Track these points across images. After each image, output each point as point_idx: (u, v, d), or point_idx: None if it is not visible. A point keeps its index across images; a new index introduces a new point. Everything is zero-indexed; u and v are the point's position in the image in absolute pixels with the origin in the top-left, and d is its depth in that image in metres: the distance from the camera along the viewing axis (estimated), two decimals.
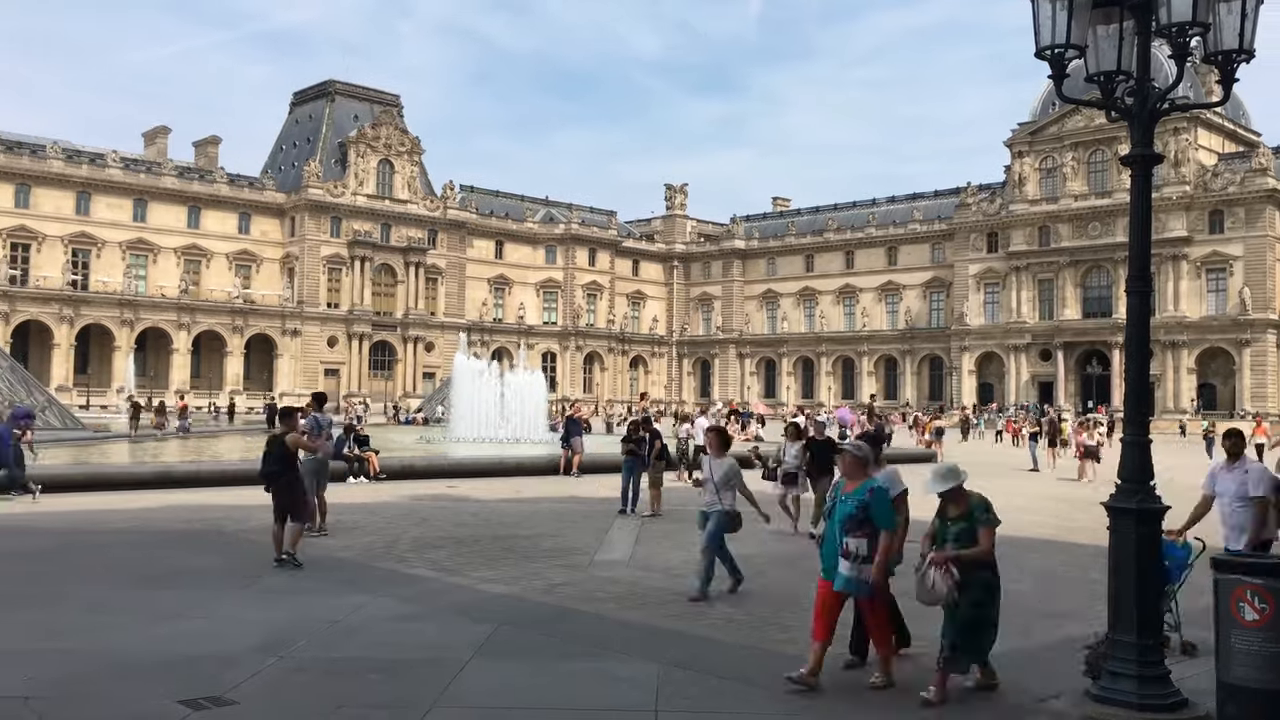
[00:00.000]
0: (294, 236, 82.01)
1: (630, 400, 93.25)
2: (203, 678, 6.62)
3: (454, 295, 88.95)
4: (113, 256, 74.45)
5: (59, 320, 70.05)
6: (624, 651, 7.65)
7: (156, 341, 75.09)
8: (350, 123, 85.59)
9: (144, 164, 79.72)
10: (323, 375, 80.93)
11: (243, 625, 8.19)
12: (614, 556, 12.12)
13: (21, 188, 71.45)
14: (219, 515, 15.09)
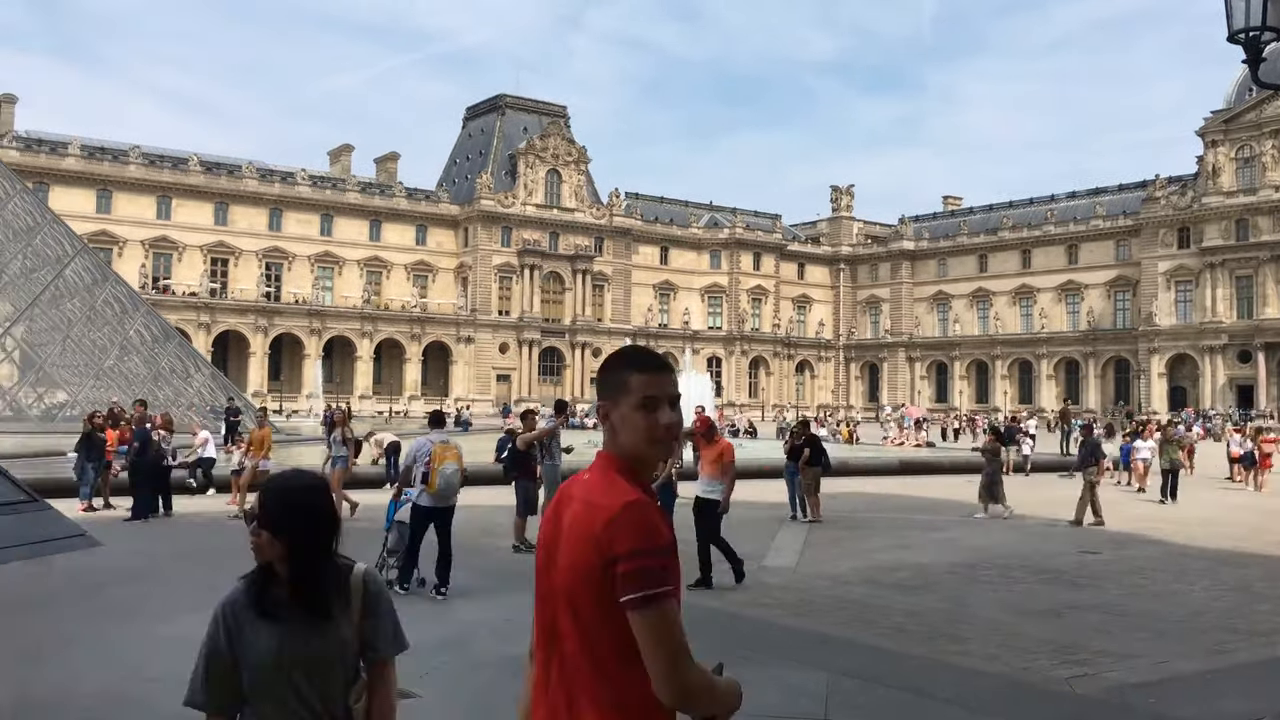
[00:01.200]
0: (467, 247, 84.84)
1: (798, 404, 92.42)
2: None
3: (620, 301, 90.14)
4: (302, 269, 78.76)
5: (254, 330, 74.57)
6: (792, 658, 7.57)
7: (342, 349, 78.99)
8: (520, 135, 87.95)
9: (330, 181, 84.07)
10: (495, 381, 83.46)
11: (424, 622, 8.49)
12: (782, 562, 12.01)
13: (220, 206, 76.46)
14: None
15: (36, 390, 34.70)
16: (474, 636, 7.91)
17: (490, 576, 10.68)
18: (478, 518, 15.54)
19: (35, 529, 11.31)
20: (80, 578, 10.25)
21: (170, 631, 7.98)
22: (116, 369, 33.02)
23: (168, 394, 33.56)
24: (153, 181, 73.90)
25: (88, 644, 7.63)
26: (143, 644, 7.59)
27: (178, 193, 74.78)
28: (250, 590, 2.64)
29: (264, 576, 2.66)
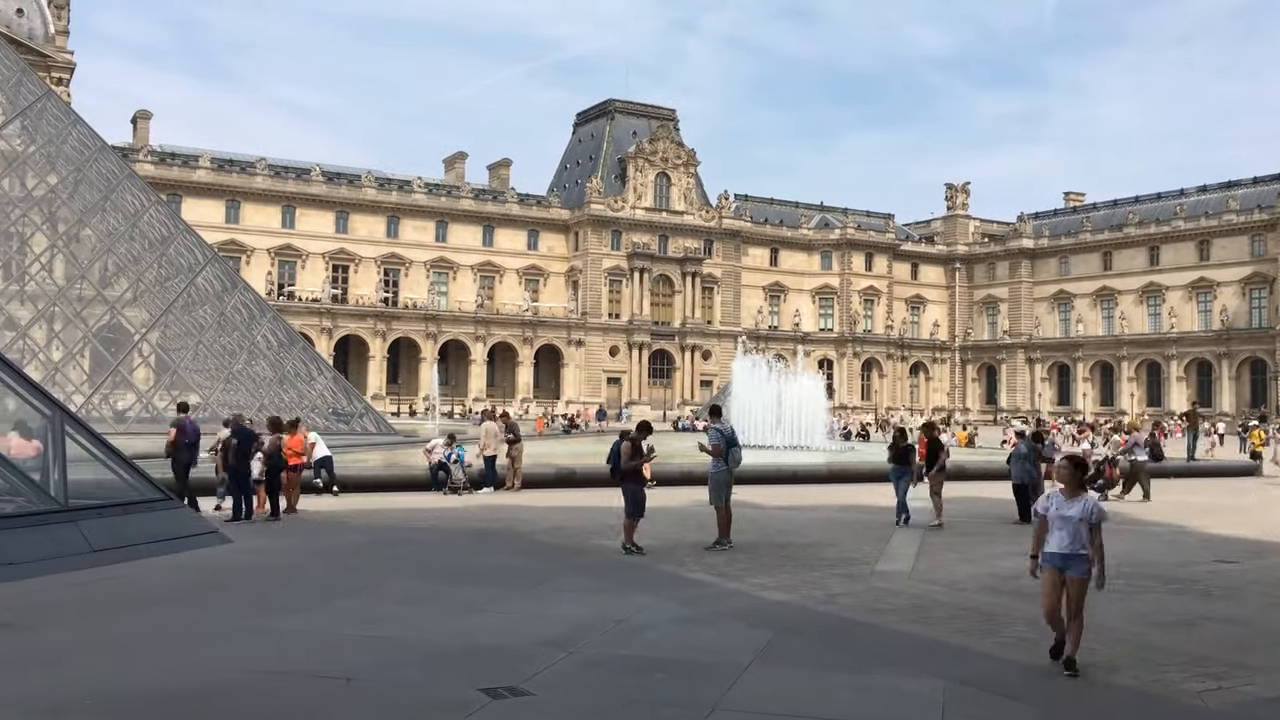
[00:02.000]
0: (577, 251, 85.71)
1: (912, 407, 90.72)
2: (500, 668, 7.01)
3: (729, 303, 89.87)
4: (418, 274, 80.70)
5: (373, 334, 76.72)
6: (906, 665, 7.43)
7: (456, 353, 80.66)
8: (629, 139, 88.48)
9: (444, 188, 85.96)
10: (605, 383, 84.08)
11: (535, 620, 8.62)
12: (896, 567, 11.80)
13: (341, 214, 78.92)
14: (512, 517, 15.95)
15: (171, 393, 36.26)
16: (584, 636, 7.98)
17: (600, 576, 10.76)
18: (588, 518, 15.69)
19: (171, 526, 11.87)
20: (212, 573, 10.69)
21: (294, 625, 8.26)
22: (244, 372, 34.30)
23: (292, 397, 34.74)
24: (278, 192, 76.72)
25: (219, 636, 7.95)
26: (269, 637, 7.87)
27: (301, 202, 77.45)
28: None
29: None
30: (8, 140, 32.20)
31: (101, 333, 34.10)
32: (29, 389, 11.68)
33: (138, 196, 33.71)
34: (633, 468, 12.81)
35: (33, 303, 35.15)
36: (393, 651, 7.47)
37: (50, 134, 32.55)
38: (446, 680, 6.78)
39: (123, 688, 6.45)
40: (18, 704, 6.01)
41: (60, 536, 10.52)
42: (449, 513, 16.63)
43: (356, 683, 6.59)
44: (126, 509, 11.54)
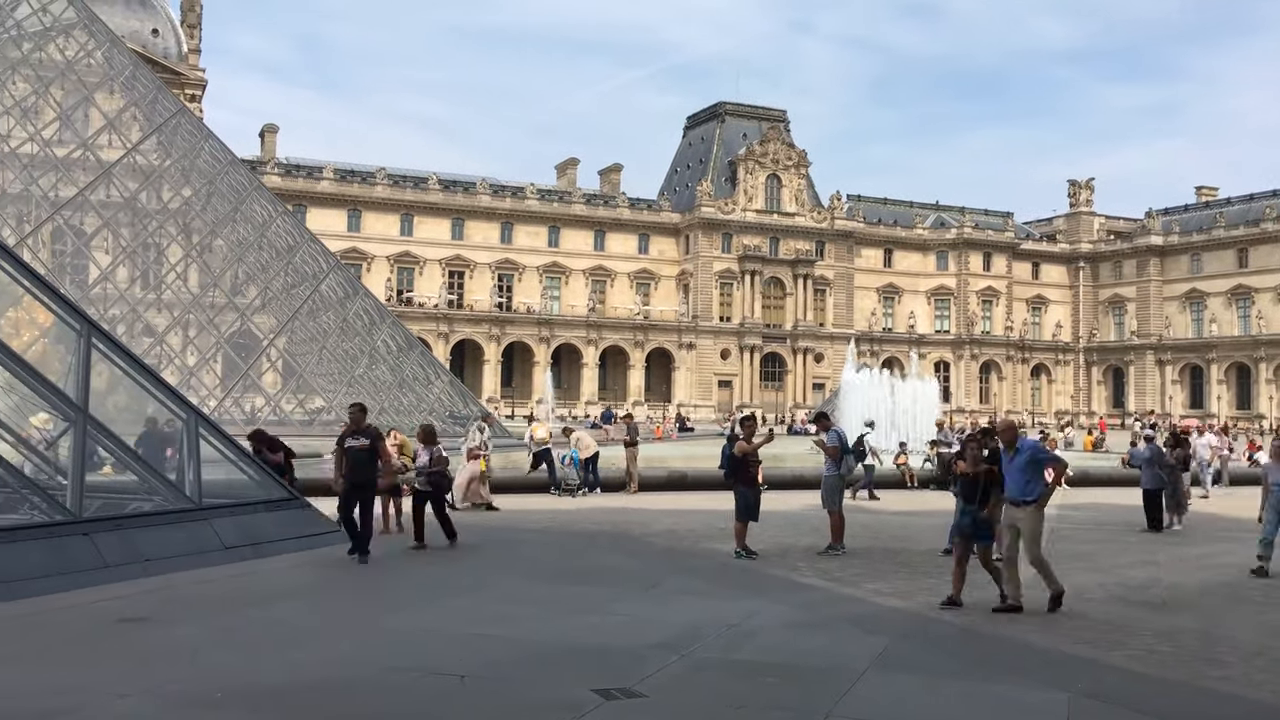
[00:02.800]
0: (688, 254, 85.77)
1: (1034, 410, 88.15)
2: (612, 670, 7.05)
3: (842, 305, 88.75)
4: (531, 280, 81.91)
5: (488, 339, 78.17)
6: (1029, 676, 7.21)
7: (569, 356, 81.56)
8: (739, 141, 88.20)
9: (556, 194, 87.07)
10: (716, 387, 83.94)
11: (647, 623, 8.64)
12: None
13: (456, 221, 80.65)
14: (623, 519, 16.03)
15: (297, 397, 37.61)
16: (697, 639, 7.96)
17: (711, 580, 10.73)
18: (700, 522, 15.66)
19: (299, 525, 12.29)
20: (333, 570, 11.03)
21: (410, 623, 8.46)
22: (366, 377, 35.32)
23: (411, 400, 35.62)
24: (396, 200, 78.83)
25: (340, 632, 8.19)
26: (386, 634, 8.07)
27: (419, 210, 79.42)
28: None
29: None
30: (145, 155, 33.83)
31: (232, 339, 35.52)
32: (166, 393, 12.24)
33: (265, 207, 35.04)
34: (745, 470, 12.67)
35: (169, 310, 36.83)
36: (505, 650, 7.58)
37: (184, 149, 34.07)
38: (559, 680, 6.85)
39: (250, 680, 6.69)
40: (154, 694, 6.29)
41: (194, 534, 10.98)
42: (560, 514, 16.81)
43: (471, 680, 6.70)
44: (255, 508, 11.99)
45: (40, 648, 7.38)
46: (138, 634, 7.93)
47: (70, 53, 34.12)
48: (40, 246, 33.22)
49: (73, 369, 11.00)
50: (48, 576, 9.15)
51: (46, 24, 33.71)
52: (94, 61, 34.20)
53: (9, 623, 7.98)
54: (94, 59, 34.15)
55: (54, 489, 10.21)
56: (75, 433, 10.23)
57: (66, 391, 10.60)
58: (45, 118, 34.69)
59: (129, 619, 8.29)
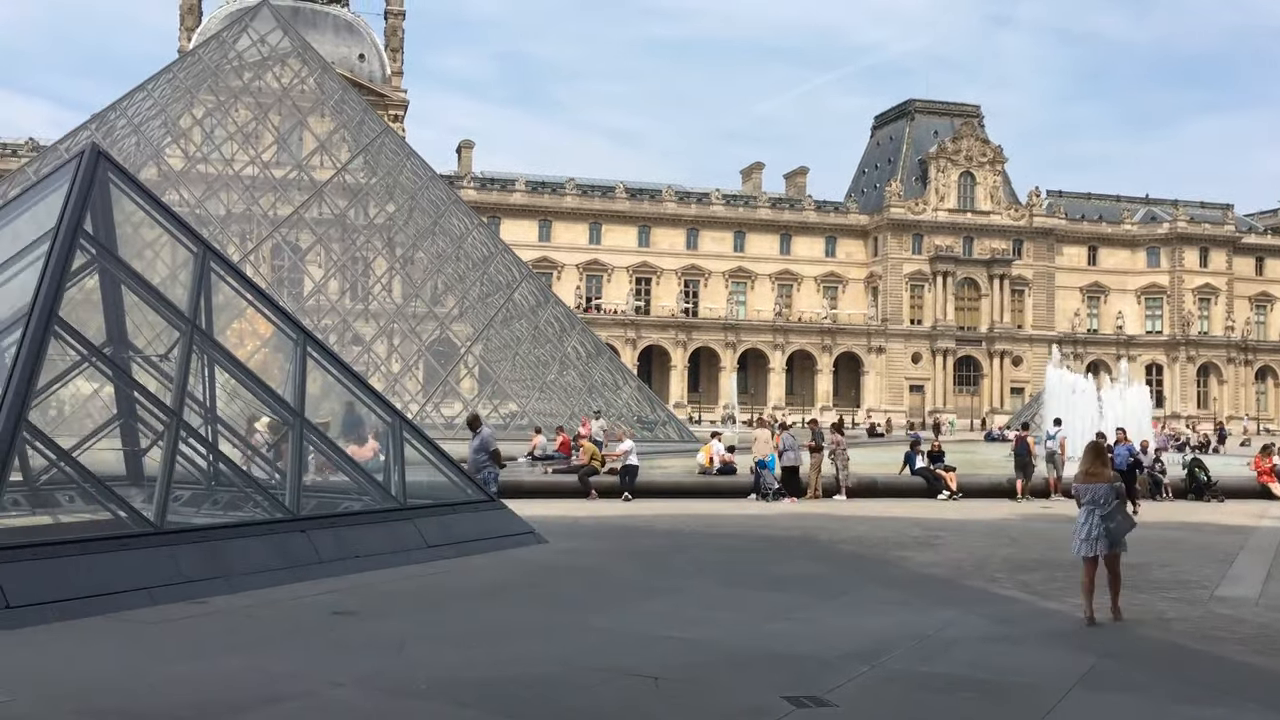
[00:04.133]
0: (876, 256, 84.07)
1: (1259, 416, 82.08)
2: (802, 677, 6.99)
3: (1042, 306, 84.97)
4: (717, 285, 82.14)
5: (675, 344, 78.88)
6: (1252, 699, 6.70)
7: (755, 361, 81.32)
8: (930, 139, 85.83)
9: (742, 199, 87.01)
10: (907, 391, 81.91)
11: (837, 632, 8.51)
12: (1240, 592, 10.68)
13: (643, 229, 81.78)
14: (813, 525, 15.85)
15: (492, 402, 39.00)
16: (888, 650, 7.79)
17: (903, 589, 10.47)
18: (890, 529, 15.31)
19: (494, 526, 12.74)
20: (530, 570, 11.36)
21: (604, 623, 8.62)
22: (557, 382, 36.27)
23: (599, 405, 36.33)
24: (585, 210, 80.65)
25: (537, 629, 8.43)
26: (582, 633, 8.25)
27: (606, 219, 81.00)
28: None
29: None
30: (353, 174, 35.86)
31: (433, 346, 37.18)
32: (373, 398, 12.92)
33: (462, 220, 36.53)
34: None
35: (375, 320, 38.91)
36: (697, 654, 7.62)
37: (388, 167, 35.92)
38: (750, 685, 6.83)
39: (453, 673, 6.98)
40: (365, 683, 6.65)
41: (399, 533, 11.54)
42: (750, 519, 16.77)
43: (664, 683, 6.77)
44: (456, 508, 12.49)
45: (262, 637, 7.92)
46: (349, 626, 8.39)
47: (286, 80, 36.58)
48: (261, 262, 35.69)
49: (290, 376, 11.76)
50: (269, 570, 9.81)
51: (264, 54, 36.28)
52: (307, 87, 36.54)
53: (235, 613, 8.60)
54: (307, 85, 36.49)
55: (274, 488, 10.94)
56: (293, 436, 10.92)
57: (285, 397, 11.34)
58: (264, 141, 37.29)
59: (342, 612, 8.79)
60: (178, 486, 10.34)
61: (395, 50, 76.50)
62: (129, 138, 33.91)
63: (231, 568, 9.58)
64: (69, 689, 6.35)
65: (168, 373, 10.88)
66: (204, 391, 11.45)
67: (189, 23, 73.71)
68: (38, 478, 11.20)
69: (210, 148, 36.72)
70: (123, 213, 11.30)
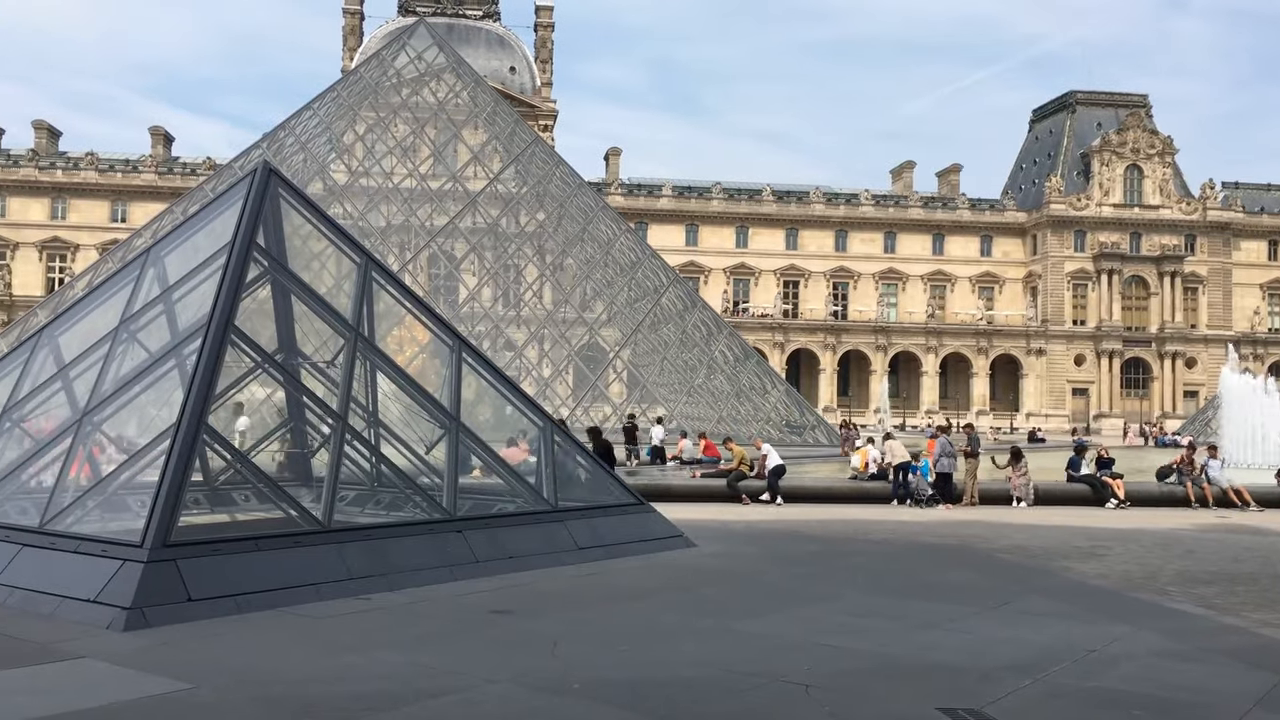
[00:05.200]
0: (1035, 255, 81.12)
1: None
2: (959, 689, 6.79)
3: (1218, 305, 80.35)
4: (866, 287, 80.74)
5: (823, 347, 77.91)
6: None
7: (906, 365, 79.57)
8: (1092, 132, 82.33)
9: (892, 199, 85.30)
10: (1069, 395, 78.69)
11: (996, 643, 8.24)
12: None
13: (790, 231, 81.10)
14: (968, 533, 15.40)
15: (640, 406, 39.35)
16: (1052, 663, 7.49)
17: (1067, 600, 10.05)
18: (1051, 538, 14.73)
19: (643, 529, 12.84)
20: (680, 573, 11.40)
21: (754, 628, 8.57)
22: (704, 386, 36.33)
23: (748, 409, 36.19)
24: (732, 213, 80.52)
25: (688, 632, 8.45)
26: (732, 638, 8.23)
27: (753, 222, 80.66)
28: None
29: None
30: (505, 184, 36.78)
31: (582, 351, 37.79)
32: (525, 402, 13.21)
33: (610, 226, 37.00)
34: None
35: (526, 326, 39.78)
36: (849, 661, 7.51)
37: (538, 175, 36.71)
38: (904, 695, 6.68)
39: (605, 673, 7.07)
40: (520, 681, 6.80)
41: (551, 534, 11.76)
42: (901, 526, 16.41)
43: (816, 690, 6.69)
44: (605, 511, 12.65)
45: (423, 634, 8.19)
46: (504, 624, 8.60)
47: (441, 95, 37.83)
48: (418, 271, 37.00)
49: (446, 381, 12.14)
50: (427, 569, 10.15)
51: (421, 70, 37.63)
52: (460, 101, 37.70)
53: (396, 610, 8.92)
54: (461, 99, 37.64)
55: (432, 490, 11.30)
56: (449, 439, 11.26)
57: (442, 402, 11.71)
58: (421, 154, 38.66)
59: (498, 611, 9.02)
60: (343, 487, 10.79)
61: (545, 62, 78.15)
62: (297, 154, 35.66)
63: (393, 566, 9.95)
64: (246, 679, 6.71)
65: (333, 378, 11.37)
66: (367, 396, 11.93)
67: (351, 43, 77.09)
68: (216, 478, 11.90)
69: (371, 162, 38.29)
70: (291, 226, 11.87)
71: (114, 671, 6.73)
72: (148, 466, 9.55)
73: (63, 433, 10.46)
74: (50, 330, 12.21)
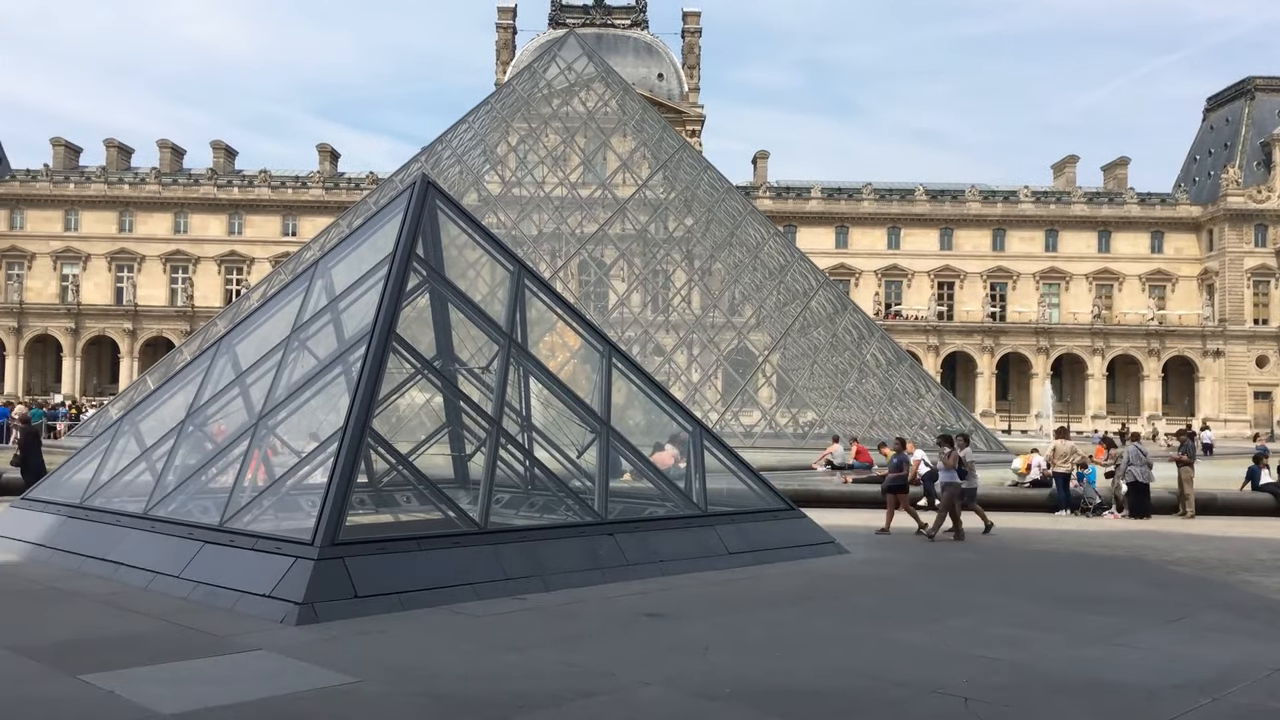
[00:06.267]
0: (1212, 251, 76.75)
1: None
2: (1129, 708, 6.48)
3: None
4: (1026, 287, 77.91)
5: (980, 350, 75.52)
6: None
7: (1071, 367, 76.39)
8: (1273, 119, 77.40)
9: (1053, 195, 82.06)
10: (1251, 399, 74.11)
11: (1170, 660, 7.83)
12: None
13: (945, 231, 78.98)
14: (1140, 543, 14.69)
15: (790, 411, 38.99)
16: (1232, 682, 7.06)
17: (1249, 617, 9.46)
18: (1235, 550, 13.89)
19: (795, 534, 12.73)
20: (831, 580, 11.25)
21: (908, 638, 8.38)
22: (856, 391, 35.73)
23: (901, 414, 35.41)
24: (883, 214, 78.96)
25: (838, 640, 8.33)
26: (885, 647, 8.07)
27: (905, 222, 78.91)
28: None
29: None
30: (653, 190, 37.06)
31: (731, 356, 37.70)
32: (674, 407, 13.28)
33: (758, 230, 36.83)
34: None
35: (675, 331, 39.96)
36: (1010, 675, 7.26)
37: (686, 181, 36.86)
38: (1069, 712, 6.42)
39: (756, 680, 7.03)
40: (671, 684, 6.84)
41: (701, 539, 11.78)
42: (1066, 535, 15.76)
43: (975, 704, 6.50)
44: (755, 516, 12.60)
45: (576, 634, 8.33)
46: (656, 627, 8.66)
47: (590, 104, 38.43)
48: (569, 278, 37.66)
49: (597, 386, 12.32)
50: (580, 571, 10.32)
51: (571, 80, 38.32)
52: (609, 109, 38.21)
53: (551, 610, 9.10)
54: (609, 107, 38.15)
55: (584, 493, 11.48)
56: (600, 443, 11.42)
57: (593, 406, 11.89)
58: (571, 163, 39.34)
59: (649, 614, 9.09)
60: (498, 489, 11.08)
61: (692, 67, 78.47)
62: (453, 167, 36.81)
63: (546, 567, 10.15)
64: (410, 674, 6.96)
65: (488, 383, 11.69)
66: (520, 401, 12.21)
67: (504, 57, 79.17)
68: (379, 480, 12.38)
69: (523, 172, 39.19)
70: (448, 236, 12.27)
71: (287, 664, 7.08)
72: (317, 468, 10.03)
73: (240, 436, 11.08)
74: (228, 339, 12.96)
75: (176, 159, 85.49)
